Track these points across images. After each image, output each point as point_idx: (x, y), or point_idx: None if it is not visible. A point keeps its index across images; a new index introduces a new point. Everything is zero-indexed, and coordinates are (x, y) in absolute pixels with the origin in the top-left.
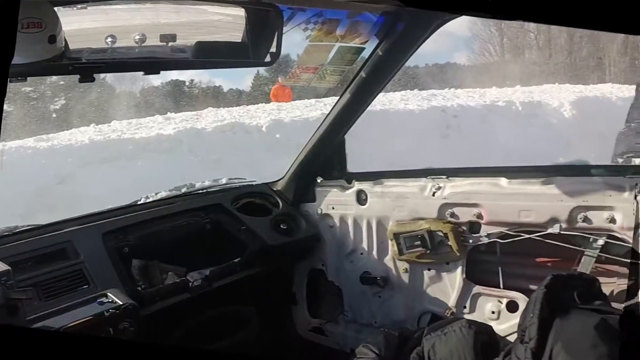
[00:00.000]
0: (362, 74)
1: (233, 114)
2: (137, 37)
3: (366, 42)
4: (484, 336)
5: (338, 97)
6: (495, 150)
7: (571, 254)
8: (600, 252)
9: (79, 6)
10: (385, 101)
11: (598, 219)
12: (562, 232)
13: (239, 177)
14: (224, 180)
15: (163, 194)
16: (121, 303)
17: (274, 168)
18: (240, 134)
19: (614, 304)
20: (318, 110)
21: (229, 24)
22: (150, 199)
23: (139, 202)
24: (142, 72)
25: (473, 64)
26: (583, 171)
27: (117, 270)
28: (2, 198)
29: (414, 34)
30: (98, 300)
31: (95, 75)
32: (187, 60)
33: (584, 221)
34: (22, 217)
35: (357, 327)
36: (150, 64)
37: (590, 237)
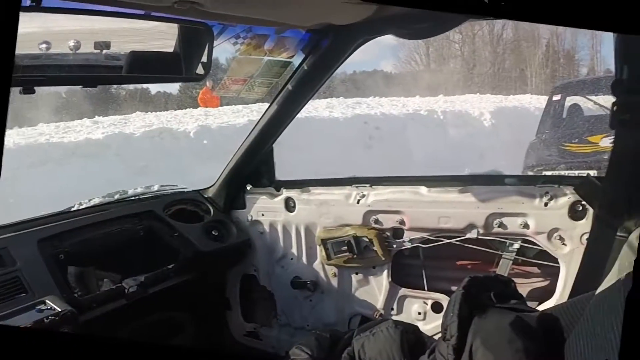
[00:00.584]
0: (289, 86)
1: (161, 119)
2: (72, 43)
3: (293, 56)
4: (410, 335)
5: (266, 108)
6: (417, 159)
7: (490, 257)
8: (516, 255)
9: None
10: (310, 108)
11: (512, 224)
12: (480, 237)
13: (171, 184)
14: (155, 187)
15: (96, 201)
16: (60, 310)
17: (201, 174)
18: (168, 140)
19: (530, 303)
20: (245, 116)
21: (162, 33)
22: (84, 206)
23: (72, 209)
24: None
25: (399, 72)
26: (497, 180)
27: (54, 277)
28: None
29: (337, 50)
30: (37, 308)
31: None
32: (123, 76)
33: (499, 227)
34: None
35: (290, 331)
36: (91, 78)
37: (506, 242)
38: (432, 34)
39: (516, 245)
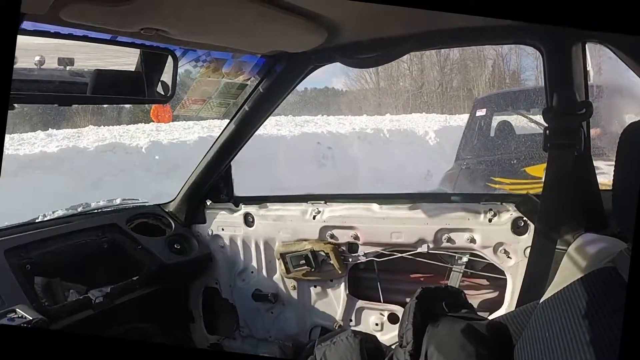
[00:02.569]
0: (246, 107)
1: (114, 134)
2: (37, 58)
3: (249, 79)
4: (369, 344)
5: (224, 127)
6: (365, 176)
7: (441, 270)
8: (465, 268)
9: None
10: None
11: (460, 239)
12: (430, 251)
13: (133, 198)
14: (118, 201)
15: (60, 213)
16: (31, 318)
17: (153, 189)
18: (121, 154)
19: (481, 313)
20: (195, 133)
21: (125, 52)
22: (48, 217)
23: (37, 220)
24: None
25: (349, 90)
26: (444, 198)
27: (23, 286)
28: None
29: (290, 75)
30: (8, 316)
31: None
32: (89, 96)
33: (448, 241)
34: None
35: (253, 342)
36: (65, 97)
37: (455, 255)
38: (377, 64)
39: (465, 259)
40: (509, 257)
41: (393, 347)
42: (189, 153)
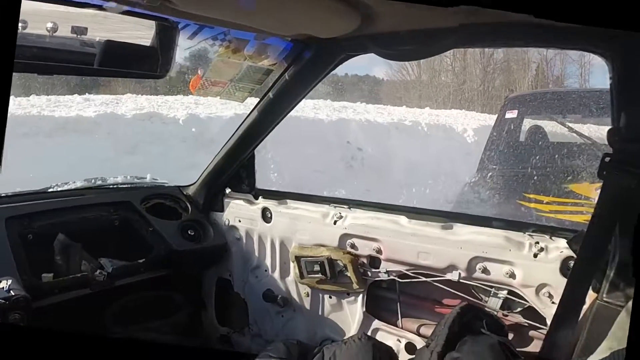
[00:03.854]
0: (270, 94)
1: (152, 103)
2: (50, 25)
3: (275, 64)
4: (383, 347)
5: (247, 114)
6: (398, 168)
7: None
8: (500, 307)
9: None
10: (297, 107)
11: (497, 272)
12: (461, 280)
13: (152, 177)
14: (136, 178)
15: (75, 184)
16: (12, 294)
17: (186, 160)
18: (158, 124)
19: None
20: (232, 109)
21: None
22: (62, 188)
23: (49, 190)
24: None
25: (390, 80)
26: (484, 222)
27: (17, 257)
28: None
29: (320, 63)
30: None
31: None
32: (95, 69)
33: (483, 272)
34: None
35: (262, 342)
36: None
37: (490, 290)
38: (415, 58)
39: (501, 295)
40: (552, 302)
41: None
42: (224, 128)
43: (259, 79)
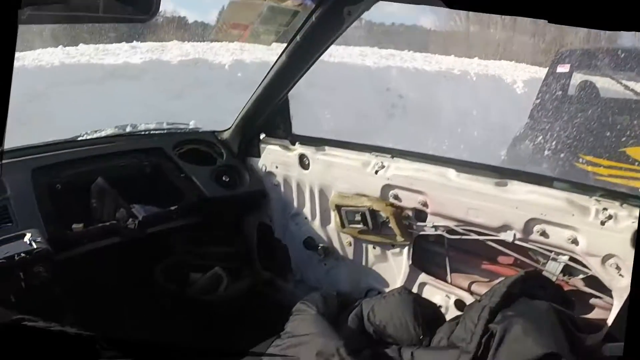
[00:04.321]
0: (298, 38)
1: (197, 50)
2: None
3: (300, 5)
4: (425, 303)
5: (276, 58)
6: (444, 118)
7: (527, 268)
8: (561, 272)
9: None
10: (344, 54)
11: (558, 236)
12: (516, 242)
13: (184, 123)
14: (167, 124)
15: (105, 132)
16: (34, 247)
17: (233, 105)
18: (204, 70)
19: None
20: (277, 55)
21: None
22: (92, 136)
23: (78, 138)
24: None
25: (438, 31)
26: (543, 181)
27: (43, 209)
28: None
29: (349, 4)
30: (15, 242)
31: None
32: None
33: (541, 235)
34: None
35: (305, 289)
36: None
37: (549, 254)
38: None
39: (562, 260)
40: (620, 274)
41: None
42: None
43: (285, 22)
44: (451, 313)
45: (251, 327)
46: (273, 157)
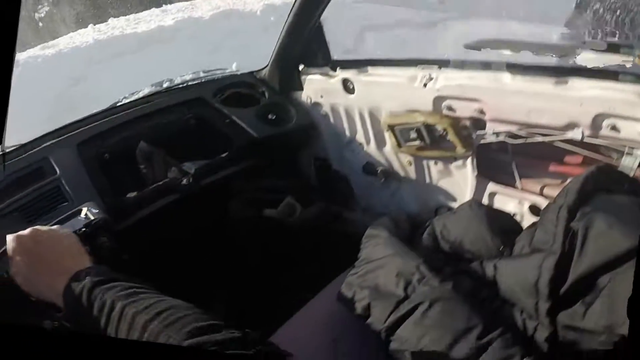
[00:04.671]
0: None
1: (226, 1)
2: None
3: None
4: (497, 214)
5: None
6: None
7: (600, 164)
8: (638, 165)
9: None
10: None
11: (630, 130)
12: (585, 139)
13: (221, 68)
14: (202, 72)
15: (142, 93)
16: (92, 218)
17: (271, 49)
18: (236, 20)
19: None
20: None
21: None
22: (130, 99)
23: (117, 104)
24: None
25: None
26: (606, 75)
27: (96, 181)
28: (27, 107)
29: None
30: (73, 219)
31: None
32: None
33: (612, 129)
34: (49, 121)
35: (373, 215)
36: None
37: (624, 149)
38: None
39: (638, 154)
40: None
41: None
42: None
43: None
44: (527, 220)
45: (324, 261)
46: (316, 87)
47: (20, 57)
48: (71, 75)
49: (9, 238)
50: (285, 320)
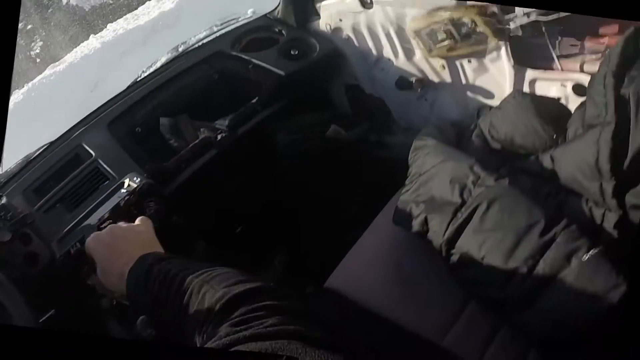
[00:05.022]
0: None
1: None
2: None
3: None
4: (543, 100)
5: None
6: None
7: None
8: None
9: None
10: None
11: None
12: None
13: (234, 18)
14: (215, 26)
15: (159, 62)
16: (135, 186)
17: None
18: None
19: None
20: None
21: None
22: (148, 71)
23: (138, 79)
24: None
25: None
26: None
27: (134, 155)
28: (54, 121)
29: None
30: (117, 192)
31: None
32: None
33: None
34: None
35: (414, 133)
36: None
37: None
38: None
39: None
40: None
41: None
42: None
43: None
44: (573, 102)
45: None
46: (332, 11)
47: (33, 82)
48: (87, 81)
49: (89, 238)
50: (342, 258)
